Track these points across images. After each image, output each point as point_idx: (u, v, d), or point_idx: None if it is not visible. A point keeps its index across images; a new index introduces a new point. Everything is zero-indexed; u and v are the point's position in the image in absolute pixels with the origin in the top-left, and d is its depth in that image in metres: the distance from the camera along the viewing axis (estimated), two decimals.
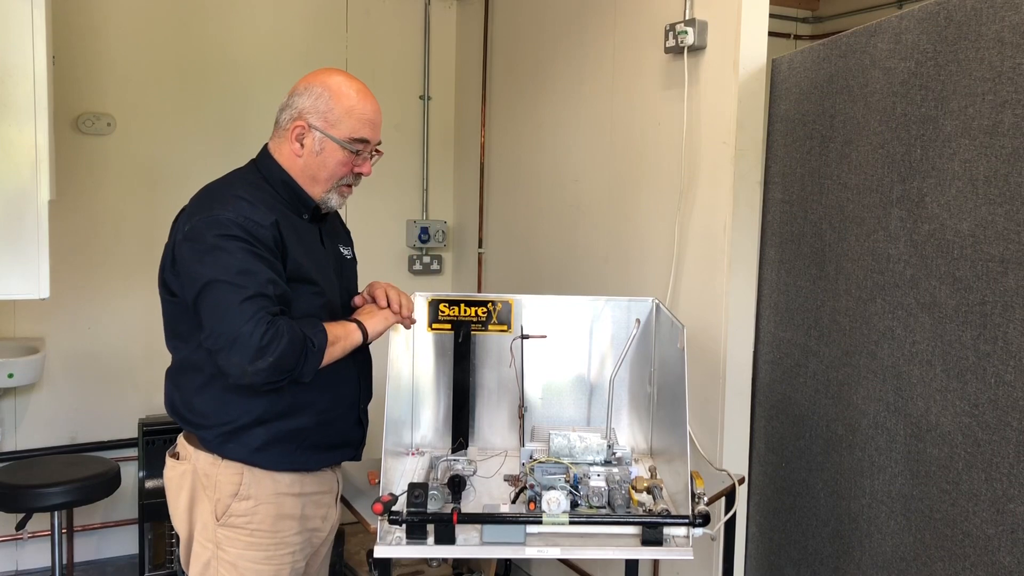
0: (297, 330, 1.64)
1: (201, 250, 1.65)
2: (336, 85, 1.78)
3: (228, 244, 1.63)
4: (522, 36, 3.54)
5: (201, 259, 1.64)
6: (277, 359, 1.58)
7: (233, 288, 1.60)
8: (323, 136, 1.77)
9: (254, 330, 1.57)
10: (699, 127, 2.50)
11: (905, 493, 1.91)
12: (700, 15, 2.47)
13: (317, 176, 1.79)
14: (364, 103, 1.79)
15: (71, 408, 3.50)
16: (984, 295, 1.68)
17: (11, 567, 3.46)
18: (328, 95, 1.77)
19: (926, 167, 1.84)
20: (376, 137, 1.82)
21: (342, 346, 1.74)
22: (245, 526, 1.74)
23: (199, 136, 3.63)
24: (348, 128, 1.77)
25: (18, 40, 2.29)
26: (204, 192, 1.78)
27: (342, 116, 1.76)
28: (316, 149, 1.78)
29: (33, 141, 2.33)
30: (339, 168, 1.79)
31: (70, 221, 3.40)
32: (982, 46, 1.68)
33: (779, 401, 2.43)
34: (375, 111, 1.81)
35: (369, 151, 1.83)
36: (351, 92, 1.78)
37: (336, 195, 1.83)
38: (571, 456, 1.98)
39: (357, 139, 1.78)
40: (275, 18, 3.75)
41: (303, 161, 1.79)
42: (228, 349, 1.58)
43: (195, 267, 1.65)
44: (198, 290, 1.63)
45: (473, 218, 3.95)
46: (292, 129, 1.78)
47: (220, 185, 1.79)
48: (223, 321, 1.59)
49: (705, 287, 2.49)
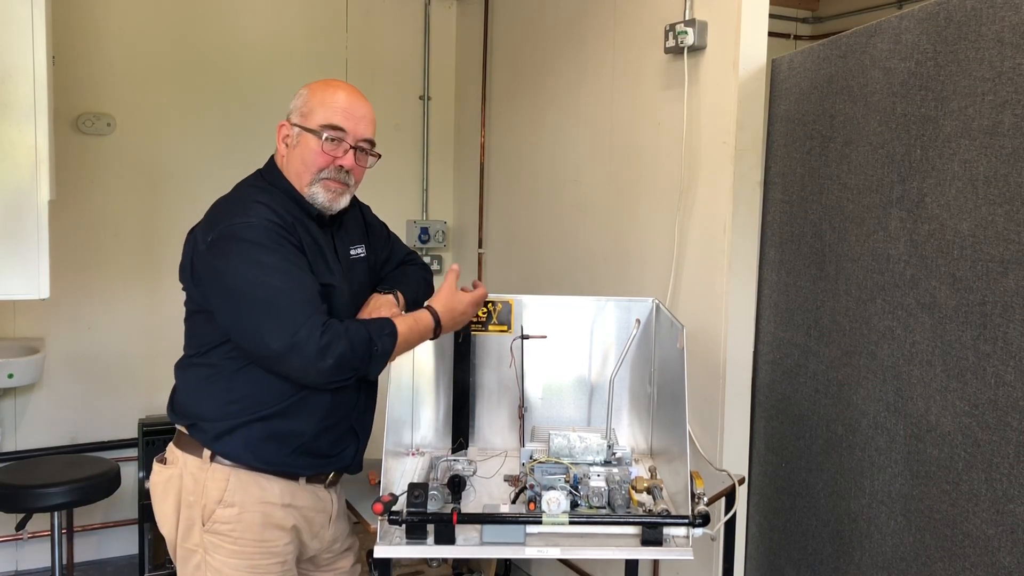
0: (361, 332, 1.65)
1: (232, 258, 1.64)
2: (317, 84, 1.81)
3: (258, 250, 1.63)
4: (522, 36, 3.54)
5: (235, 269, 1.63)
6: (338, 359, 1.60)
7: (279, 292, 1.61)
8: (300, 130, 1.78)
9: (311, 332, 1.58)
10: (699, 127, 2.50)
11: (905, 493, 1.91)
12: (700, 15, 2.46)
13: (299, 171, 1.79)
14: (338, 93, 1.79)
15: (71, 408, 3.51)
16: (984, 295, 1.68)
17: (11, 567, 3.46)
18: (308, 93, 1.80)
19: (926, 167, 1.84)
20: (356, 130, 1.79)
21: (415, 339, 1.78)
22: (229, 533, 1.73)
23: (199, 136, 3.63)
24: (320, 117, 1.77)
25: (18, 40, 2.29)
26: (220, 205, 1.77)
27: (316, 107, 1.77)
28: (294, 143, 1.79)
29: (33, 141, 2.33)
30: (314, 157, 1.77)
31: (70, 221, 3.40)
32: (982, 46, 1.68)
33: (779, 401, 2.43)
34: (349, 101, 1.79)
35: (349, 143, 1.79)
36: (327, 87, 1.80)
37: (321, 189, 1.79)
38: (571, 456, 1.98)
39: (328, 125, 1.76)
40: (275, 18, 3.75)
41: (286, 160, 1.81)
42: (288, 353, 1.59)
43: (228, 276, 1.64)
44: (236, 298, 1.63)
45: (473, 218, 3.95)
46: (279, 132, 1.82)
47: (235, 196, 1.79)
48: (277, 327, 1.59)
49: (705, 287, 2.49)
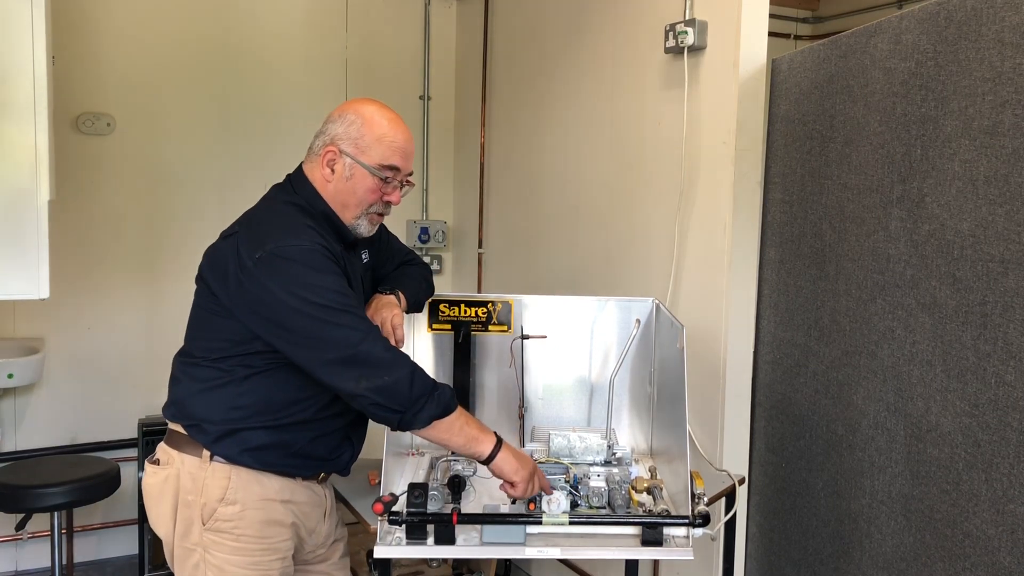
0: (422, 370, 1.67)
1: (289, 279, 1.63)
2: (369, 114, 1.78)
3: (315, 275, 1.64)
4: (522, 36, 3.54)
5: (293, 291, 1.62)
6: (394, 381, 1.61)
7: (337, 313, 1.62)
8: (353, 162, 1.76)
9: (374, 345, 1.62)
10: (699, 127, 2.50)
11: (905, 493, 1.91)
12: (700, 15, 2.46)
13: (347, 202, 1.79)
14: (395, 131, 1.79)
15: (71, 408, 3.50)
16: (984, 295, 1.68)
17: (11, 567, 3.45)
18: (361, 122, 1.77)
19: (926, 167, 1.84)
20: (407, 166, 1.82)
21: (465, 436, 1.71)
22: (231, 531, 1.73)
23: (199, 136, 3.63)
24: (378, 155, 1.76)
25: (18, 40, 2.29)
26: (264, 220, 1.75)
27: (373, 143, 1.76)
28: (346, 175, 1.77)
29: (33, 141, 2.33)
30: (368, 195, 1.78)
31: (70, 221, 3.40)
32: (982, 46, 1.68)
33: (779, 401, 2.43)
34: (406, 140, 1.80)
35: (399, 180, 1.82)
36: (383, 121, 1.78)
37: (366, 222, 1.82)
38: (571, 456, 1.98)
39: (387, 166, 1.77)
40: (275, 18, 3.74)
41: (333, 187, 1.79)
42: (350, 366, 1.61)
43: (285, 296, 1.63)
44: (296, 319, 1.63)
45: (473, 218, 3.95)
46: (324, 154, 1.78)
47: (280, 213, 1.76)
48: (342, 343, 1.61)
49: (705, 287, 2.49)
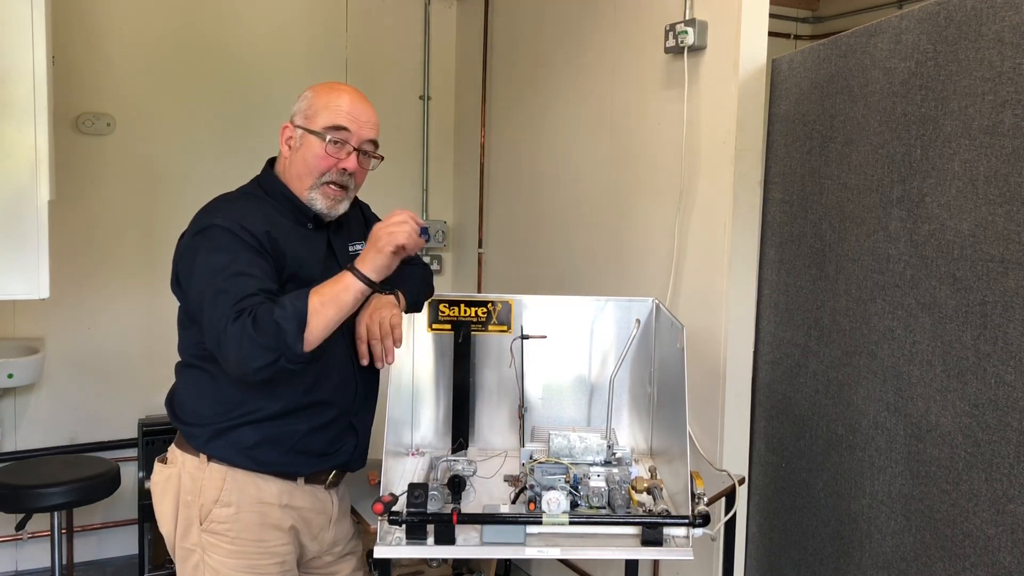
0: (267, 308, 1.57)
1: (190, 258, 1.68)
2: (321, 87, 1.81)
3: (205, 254, 1.65)
4: (522, 36, 3.54)
5: (192, 269, 1.67)
6: (252, 343, 1.53)
7: (214, 291, 1.61)
8: (304, 132, 1.78)
9: (228, 324, 1.55)
10: (699, 127, 2.50)
11: (905, 493, 1.91)
12: (700, 15, 2.46)
13: (300, 173, 1.78)
14: (342, 95, 1.79)
15: (71, 408, 3.50)
16: (984, 295, 1.68)
17: (11, 567, 3.46)
18: (311, 95, 1.80)
19: (926, 167, 1.84)
20: (361, 131, 1.78)
21: (339, 301, 1.61)
22: (226, 533, 1.73)
23: (199, 136, 3.63)
24: (324, 119, 1.76)
25: (18, 40, 2.29)
26: (200, 209, 1.79)
27: (320, 109, 1.77)
28: (297, 146, 1.79)
29: (33, 141, 2.33)
30: (318, 161, 1.76)
31: (70, 221, 3.40)
32: (982, 46, 1.68)
33: (779, 401, 2.43)
34: (353, 102, 1.78)
35: (354, 145, 1.78)
36: (333, 90, 1.80)
37: (319, 196, 1.78)
38: (571, 456, 1.98)
39: (332, 127, 1.76)
40: (275, 18, 3.74)
41: (288, 162, 1.81)
42: (219, 349, 1.59)
43: (188, 277, 1.69)
44: (194, 298, 1.67)
45: (473, 218, 3.95)
46: (282, 134, 1.82)
47: (217, 200, 1.80)
48: (211, 325, 1.60)
49: (705, 287, 2.49)
